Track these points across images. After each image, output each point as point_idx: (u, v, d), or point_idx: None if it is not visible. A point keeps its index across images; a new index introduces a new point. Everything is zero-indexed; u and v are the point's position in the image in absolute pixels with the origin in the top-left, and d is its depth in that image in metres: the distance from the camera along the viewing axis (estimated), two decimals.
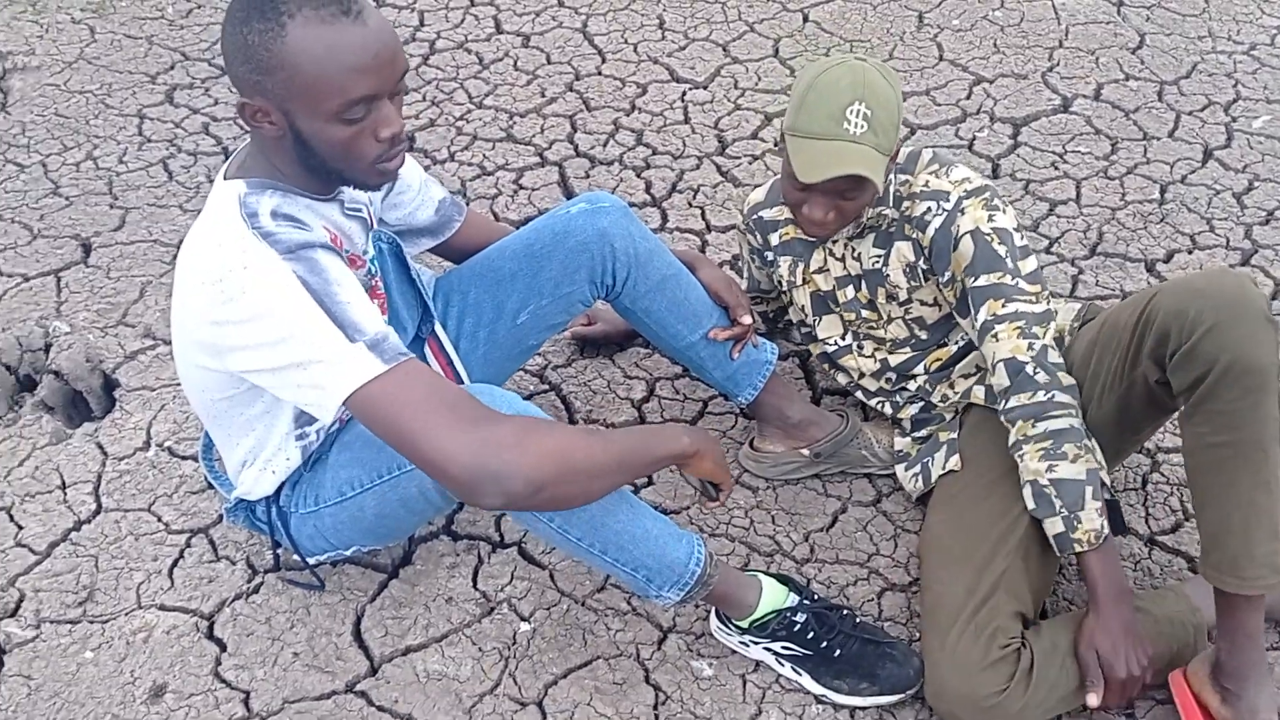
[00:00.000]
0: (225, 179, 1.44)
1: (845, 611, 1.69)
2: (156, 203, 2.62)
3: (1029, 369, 1.64)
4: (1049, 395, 1.62)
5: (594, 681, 1.68)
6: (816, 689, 1.65)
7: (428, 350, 1.78)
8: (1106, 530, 1.58)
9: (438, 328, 1.77)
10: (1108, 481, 1.63)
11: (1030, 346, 1.64)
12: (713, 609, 1.71)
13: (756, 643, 1.66)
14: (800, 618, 1.64)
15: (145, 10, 3.28)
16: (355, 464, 1.58)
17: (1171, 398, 1.56)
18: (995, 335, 1.67)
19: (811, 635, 1.64)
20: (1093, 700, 1.54)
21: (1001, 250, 1.67)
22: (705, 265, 1.91)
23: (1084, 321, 1.77)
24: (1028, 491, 1.62)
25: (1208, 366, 1.46)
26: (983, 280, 1.68)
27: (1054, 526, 1.59)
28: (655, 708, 1.65)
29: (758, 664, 1.70)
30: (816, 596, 1.69)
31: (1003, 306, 1.67)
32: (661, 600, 1.58)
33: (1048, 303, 1.68)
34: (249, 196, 1.39)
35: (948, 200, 1.71)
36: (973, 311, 1.70)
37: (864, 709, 1.64)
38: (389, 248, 1.70)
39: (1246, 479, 1.47)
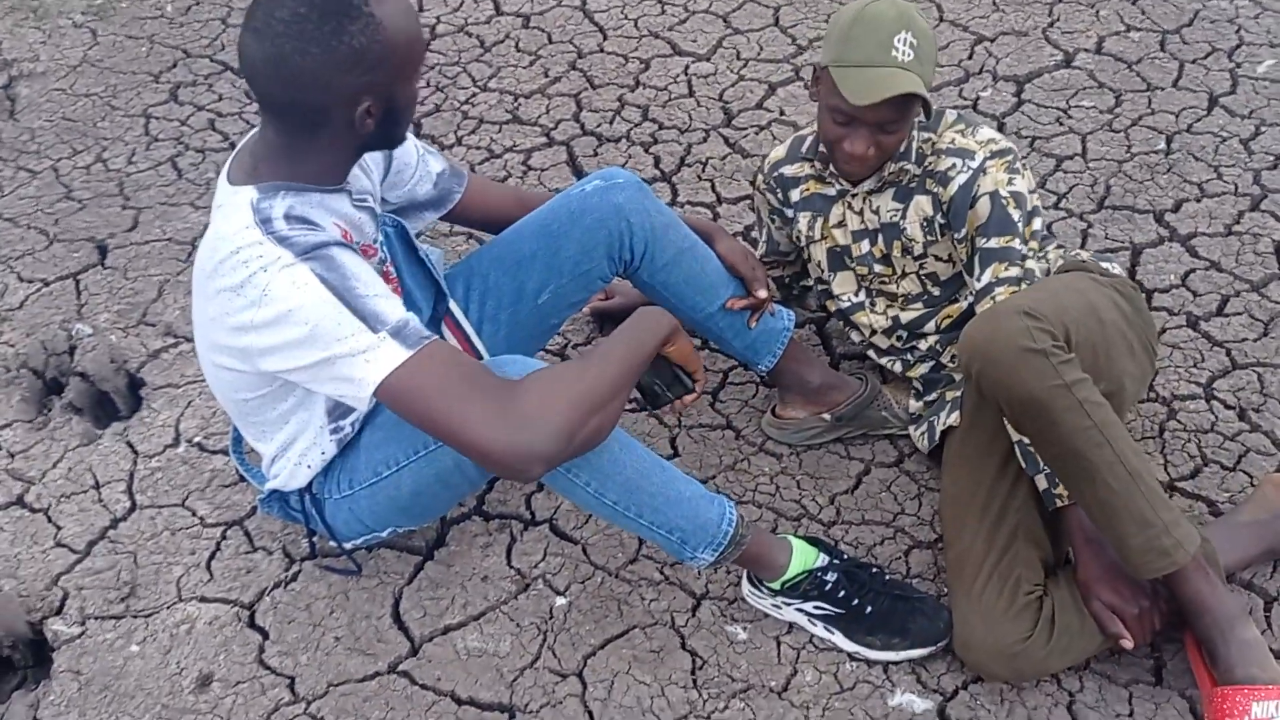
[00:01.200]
0: (231, 183, 1.46)
1: (875, 569, 1.72)
2: (168, 201, 2.64)
3: None
4: None
5: (631, 650, 1.71)
6: (849, 646, 1.68)
7: (445, 329, 1.80)
8: None
9: (453, 305, 1.79)
10: None
11: None
12: (744, 573, 1.74)
13: (788, 604, 1.69)
14: (831, 577, 1.67)
15: (145, 10, 3.29)
16: (389, 442, 1.60)
17: None
18: (994, 297, 1.72)
19: (843, 594, 1.66)
20: (1127, 644, 1.58)
21: (1015, 214, 1.72)
22: (722, 237, 1.92)
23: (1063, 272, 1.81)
24: (1017, 450, 1.67)
25: (996, 405, 1.58)
26: (993, 243, 1.73)
27: (1040, 483, 1.65)
28: (693, 673, 1.69)
29: (791, 625, 1.73)
30: (845, 556, 1.72)
31: (1005, 269, 1.72)
32: (696, 562, 1.61)
33: (1039, 260, 1.75)
34: (262, 202, 1.42)
35: (973, 159, 1.74)
36: (978, 271, 1.75)
37: (896, 664, 1.68)
38: (394, 231, 1.73)
39: (1087, 486, 1.53)
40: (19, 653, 1.81)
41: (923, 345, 1.92)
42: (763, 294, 1.89)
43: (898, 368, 1.97)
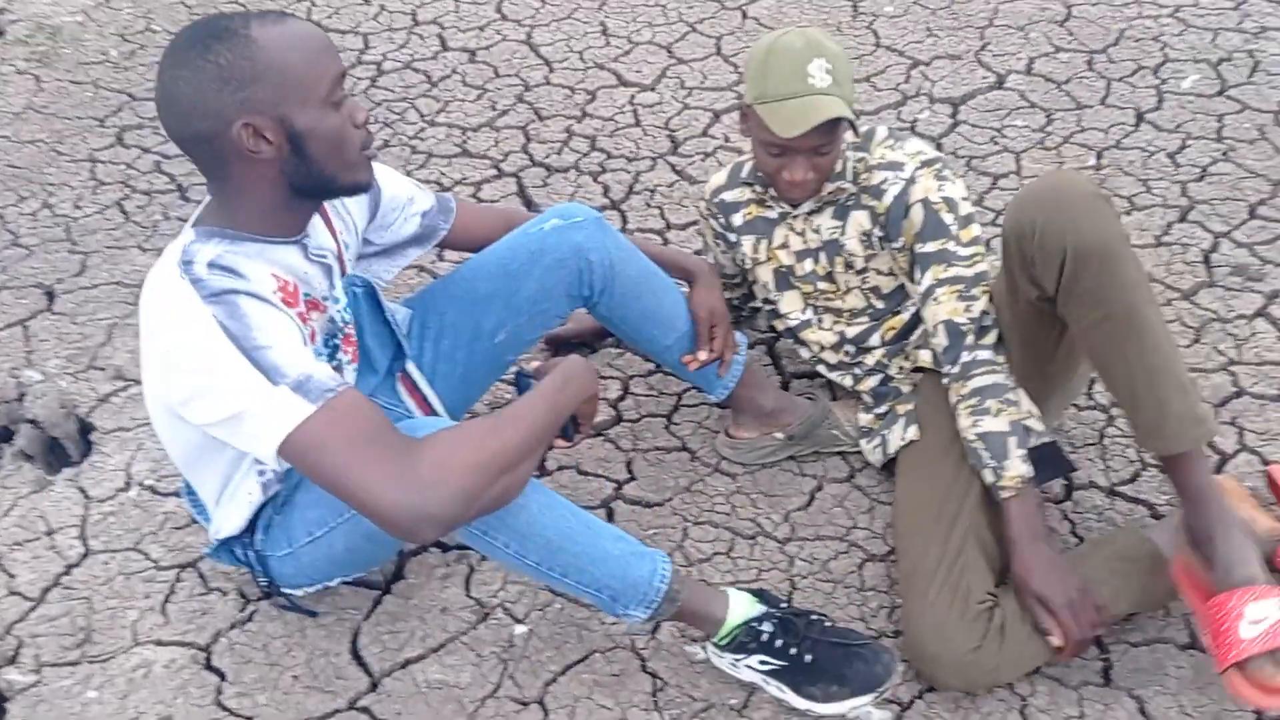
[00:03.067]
0: (190, 226, 1.47)
1: (814, 617, 1.65)
2: (115, 244, 2.63)
3: (963, 328, 1.75)
4: (973, 355, 1.74)
5: (592, 675, 1.73)
6: (800, 704, 1.62)
7: (400, 386, 1.80)
8: (1030, 475, 1.67)
9: (409, 365, 1.79)
10: (1038, 428, 1.72)
11: (968, 309, 1.75)
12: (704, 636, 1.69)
13: (738, 660, 1.65)
14: (767, 627, 1.62)
15: (89, 55, 3.28)
16: (319, 504, 1.58)
17: (1054, 305, 1.65)
18: (936, 299, 1.78)
19: (780, 644, 1.61)
20: (1055, 640, 1.60)
21: (948, 219, 1.77)
22: (700, 281, 1.91)
23: None
24: (968, 448, 1.72)
25: (1059, 259, 1.56)
26: (930, 246, 1.79)
27: (986, 477, 1.70)
28: (654, 694, 1.70)
29: None
30: (786, 604, 1.67)
31: (944, 270, 1.77)
32: (629, 618, 1.59)
33: (984, 263, 1.79)
34: (193, 245, 1.42)
35: (903, 171, 1.80)
36: (919, 276, 1.80)
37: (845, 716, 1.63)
38: (363, 291, 1.72)
39: (1133, 347, 1.54)
40: None
41: (870, 360, 1.97)
42: (702, 355, 1.89)
43: (847, 382, 2.01)
